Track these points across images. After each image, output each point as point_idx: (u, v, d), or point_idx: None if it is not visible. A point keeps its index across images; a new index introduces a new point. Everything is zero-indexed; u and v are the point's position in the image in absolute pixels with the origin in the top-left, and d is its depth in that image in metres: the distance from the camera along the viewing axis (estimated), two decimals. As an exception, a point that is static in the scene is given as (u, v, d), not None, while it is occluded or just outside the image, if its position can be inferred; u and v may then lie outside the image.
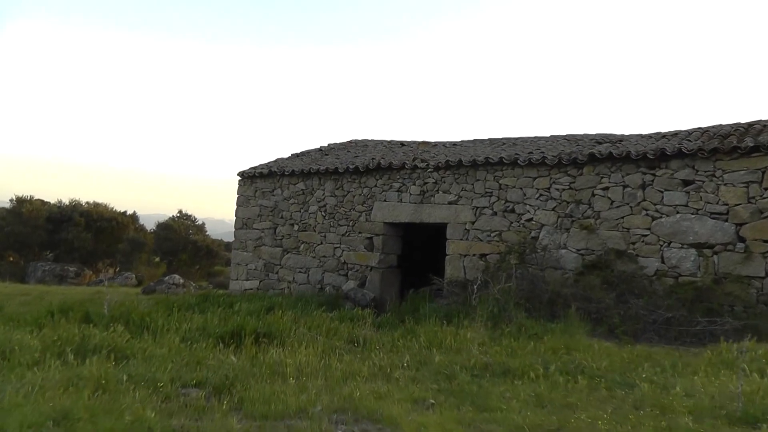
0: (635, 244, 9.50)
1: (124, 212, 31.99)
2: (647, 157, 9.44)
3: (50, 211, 29.66)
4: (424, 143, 14.67)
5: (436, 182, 11.82)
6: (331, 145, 16.92)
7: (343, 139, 17.77)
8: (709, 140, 9.39)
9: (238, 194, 15.04)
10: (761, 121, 10.09)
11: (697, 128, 10.80)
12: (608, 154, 9.79)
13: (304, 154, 16.03)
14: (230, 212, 15.22)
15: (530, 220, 10.58)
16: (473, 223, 11.21)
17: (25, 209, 28.66)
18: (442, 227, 11.76)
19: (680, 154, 9.23)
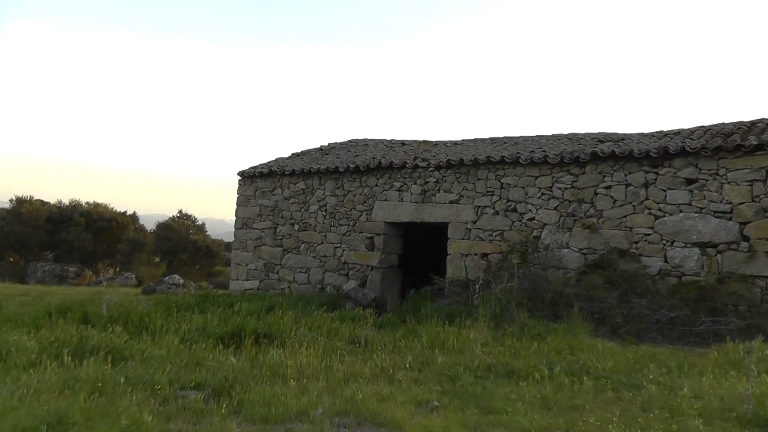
0: (638, 243, 9.43)
1: (124, 212, 31.97)
2: (650, 155, 9.37)
3: (50, 211, 29.62)
4: (424, 142, 14.60)
5: (437, 181, 11.74)
6: (331, 144, 16.85)
7: (343, 138, 17.72)
8: (712, 138, 9.32)
9: (238, 194, 14.98)
10: (764, 119, 10.02)
11: (699, 127, 10.73)
12: (611, 152, 9.72)
13: (304, 153, 15.96)
14: (230, 212, 15.16)
15: (532, 219, 10.51)
16: (475, 222, 11.14)
17: (24, 209, 28.62)
18: (443, 226, 11.68)
19: (683, 152, 9.15)
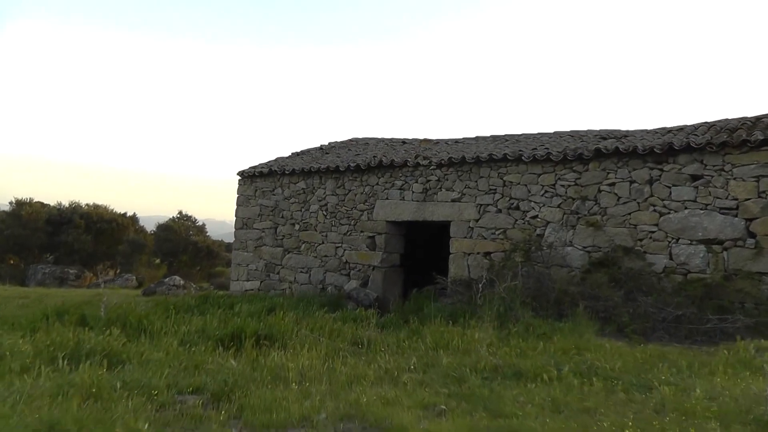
0: (643, 240, 9.31)
1: (124, 214, 31.88)
2: (654, 151, 9.24)
3: (50, 213, 29.55)
4: (425, 141, 14.48)
5: (438, 180, 11.61)
6: (331, 143, 16.73)
7: (343, 138, 17.59)
8: (716, 134, 9.20)
9: (238, 194, 14.87)
10: (770, 114, 9.89)
11: (703, 123, 10.61)
12: (614, 149, 9.60)
13: (304, 152, 15.84)
14: (231, 213, 15.05)
15: (535, 217, 10.38)
16: (477, 220, 11.01)
17: (24, 212, 28.53)
18: (445, 225, 11.56)
19: (688, 148, 9.03)
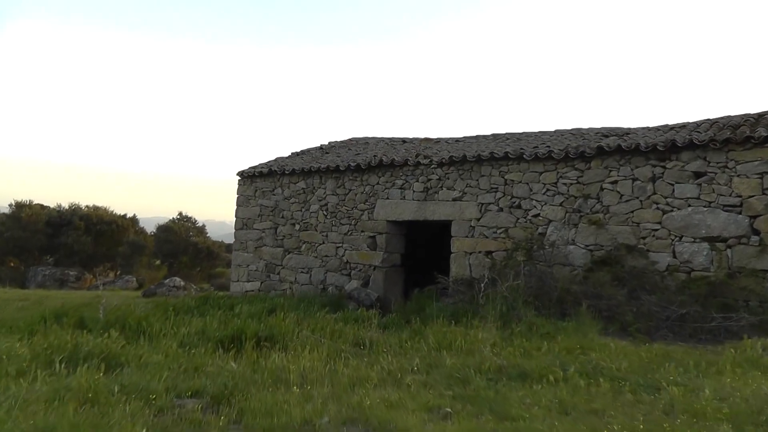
0: (646, 238, 9.23)
1: (123, 215, 31.84)
2: (657, 149, 9.16)
3: (50, 215, 29.49)
4: (426, 140, 14.40)
5: (439, 178, 11.53)
6: (331, 143, 16.65)
7: (343, 138, 17.51)
8: (719, 131, 9.12)
9: (237, 194, 14.79)
10: (773, 110, 9.82)
11: (705, 119, 10.53)
12: (617, 146, 9.52)
13: (304, 152, 15.76)
14: (231, 214, 14.97)
15: (537, 215, 10.31)
16: (478, 219, 10.93)
17: (24, 214, 28.48)
18: (446, 224, 11.48)
19: (691, 145, 8.95)
